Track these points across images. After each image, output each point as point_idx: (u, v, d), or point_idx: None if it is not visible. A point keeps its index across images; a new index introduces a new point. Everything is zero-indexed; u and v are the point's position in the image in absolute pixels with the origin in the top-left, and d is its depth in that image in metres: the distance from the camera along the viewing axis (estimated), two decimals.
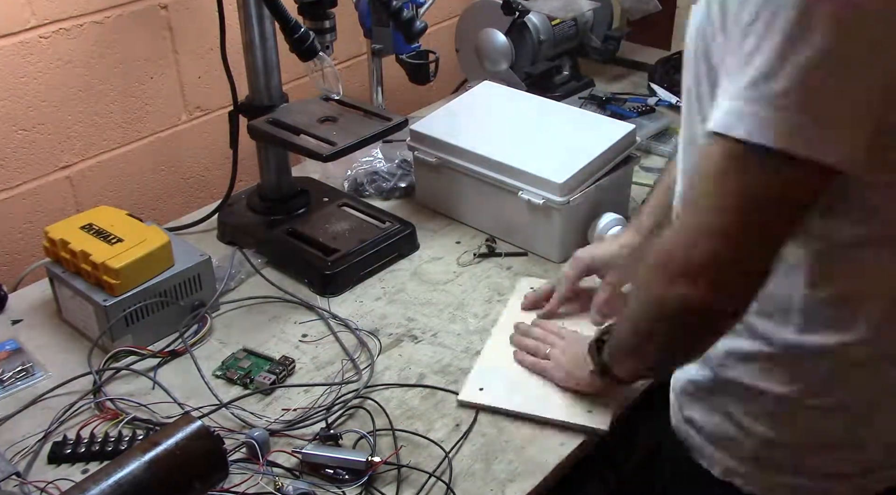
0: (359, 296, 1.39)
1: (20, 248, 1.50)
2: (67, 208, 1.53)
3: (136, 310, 1.23)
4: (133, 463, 0.83)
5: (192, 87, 1.64)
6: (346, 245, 1.44)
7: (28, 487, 1.03)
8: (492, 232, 1.53)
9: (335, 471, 1.05)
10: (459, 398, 1.17)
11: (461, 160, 1.50)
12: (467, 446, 1.10)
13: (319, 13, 1.36)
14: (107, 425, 1.13)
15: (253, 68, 1.43)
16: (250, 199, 1.54)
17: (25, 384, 1.21)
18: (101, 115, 1.53)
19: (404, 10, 1.47)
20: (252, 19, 1.38)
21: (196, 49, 1.62)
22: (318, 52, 1.31)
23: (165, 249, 1.26)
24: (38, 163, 1.47)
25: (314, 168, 1.70)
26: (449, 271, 1.45)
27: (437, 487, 1.04)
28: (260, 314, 1.35)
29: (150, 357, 1.24)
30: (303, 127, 1.41)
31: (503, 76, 1.89)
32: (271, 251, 1.47)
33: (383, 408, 1.14)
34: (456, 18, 1.98)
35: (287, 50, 1.32)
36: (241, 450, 1.07)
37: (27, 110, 1.43)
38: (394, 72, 1.76)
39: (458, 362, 1.24)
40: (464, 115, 1.59)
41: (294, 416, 1.13)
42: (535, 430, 1.13)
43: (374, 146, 1.66)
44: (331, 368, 1.23)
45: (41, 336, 1.31)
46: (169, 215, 1.65)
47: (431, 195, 1.61)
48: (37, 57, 1.41)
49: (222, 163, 1.67)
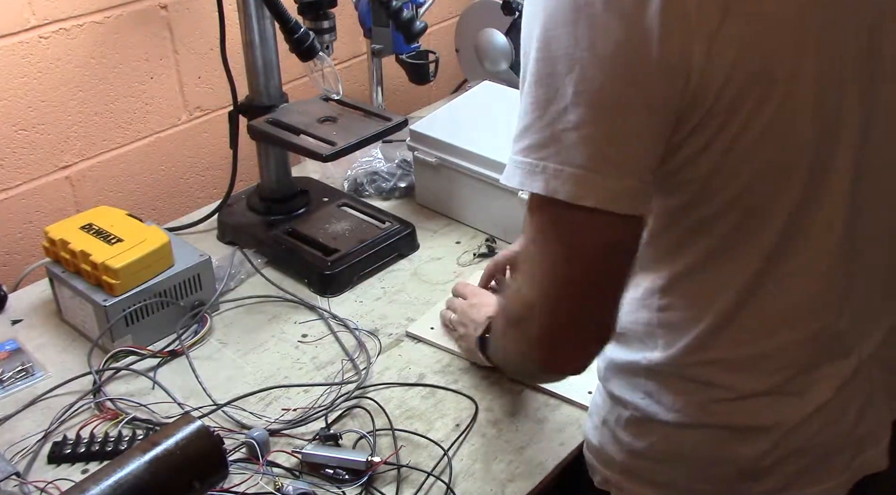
0: (359, 296, 1.39)
1: (20, 248, 1.49)
2: (67, 208, 1.53)
3: (135, 310, 1.23)
4: (133, 463, 0.83)
5: (192, 87, 1.64)
6: (345, 245, 1.44)
7: (28, 487, 1.03)
8: (492, 232, 1.53)
9: (335, 471, 1.05)
10: (408, 330, 1.29)
11: (461, 160, 1.50)
12: (467, 446, 1.10)
13: (319, 13, 1.36)
14: (107, 425, 1.13)
15: (253, 68, 1.43)
16: (250, 199, 1.54)
17: (25, 384, 1.21)
18: (101, 114, 1.53)
19: (404, 10, 1.47)
20: (252, 19, 1.38)
21: (196, 49, 1.62)
22: (318, 52, 1.31)
23: (165, 249, 1.26)
24: (38, 163, 1.47)
25: (314, 168, 1.70)
26: (449, 271, 1.45)
27: (437, 487, 1.04)
28: (260, 314, 1.35)
29: (149, 357, 1.24)
30: (303, 127, 1.41)
31: (503, 76, 1.89)
32: (271, 251, 1.47)
33: (383, 408, 1.14)
34: (456, 18, 1.98)
35: (287, 50, 1.32)
36: (241, 450, 1.07)
37: (27, 110, 1.43)
38: (394, 72, 1.77)
39: (457, 362, 1.24)
40: (464, 115, 1.59)
41: (294, 416, 1.13)
42: (535, 430, 1.13)
43: (374, 146, 1.66)
44: (331, 368, 1.23)
45: (41, 336, 1.31)
46: (169, 215, 1.65)
47: (431, 195, 1.61)
48: (37, 57, 1.41)
49: (222, 163, 1.67)
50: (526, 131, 0.73)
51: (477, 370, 1.22)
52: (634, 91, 0.70)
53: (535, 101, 0.72)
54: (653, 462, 0.91)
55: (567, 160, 0.71)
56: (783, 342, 0.85)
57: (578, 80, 0.69)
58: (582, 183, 0.71)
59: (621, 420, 0.92)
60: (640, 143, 0.72)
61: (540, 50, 0.71)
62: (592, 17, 0.68)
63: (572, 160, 0.71)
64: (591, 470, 0.99)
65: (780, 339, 0.84)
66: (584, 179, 0.71)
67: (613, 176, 0.71)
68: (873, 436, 0.92)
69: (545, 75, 0.71)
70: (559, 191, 0.71)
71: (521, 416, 1.15)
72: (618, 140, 0.71)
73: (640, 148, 0.72)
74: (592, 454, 0.98)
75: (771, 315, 0.84)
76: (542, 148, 0.72)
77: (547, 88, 0.71)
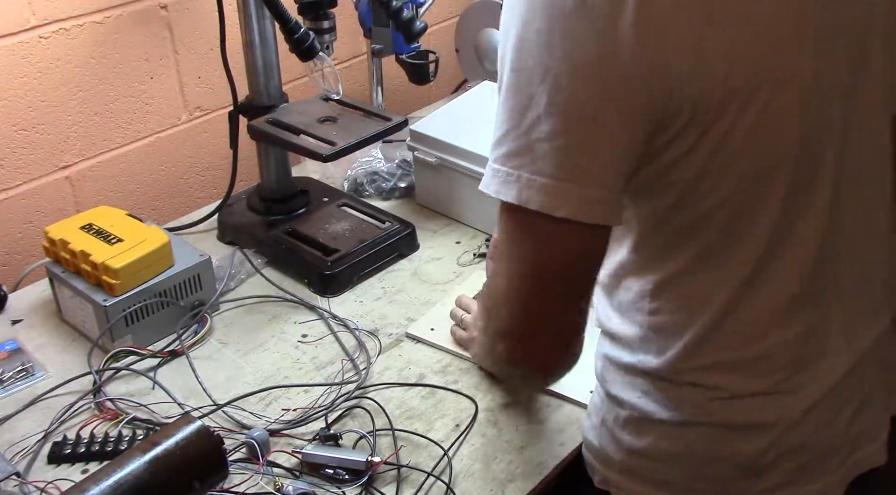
0: (359, 296, 1.39)
1: (20, 248, 1.49)
2: (67, 208, 1.53)
3: (135, 310, 1.24)
4: (133, 463, 0.83)
5: (192, 87, 1.64)
6: (345, 245, 1.44)
7: (28, 487, 1.03)
8: (492, 232, 1.53)
9: (335, 471, 1.05)
10: (408, 331, 1.28)
11: (461, 160, 1.50)
12: (467, 446, 1.10)
13: (319, 13, 1.36)
14: (107, 425, 1.13)
15: (253, 68, 1.43)
16: (250, 199, 1.54)
17: (25, 384, 1.21)
18: (101, 114, 1.53)
19: (404, 10, 1.47)
20: (252, 19, 1.38)
21: (196, 49, 1.62)
22: (318, 52, 1.31)
23: (165, 249, 1.26)
24: (38, 163, 1.47)
25: (314, 168, 1.70)
26: (449, 271, 1.45)
27: (437, 487, 1.04)
28: (260, 314, 1.35)
29: (149, 357, 1.24)
30: (303, 127, 1.41)
31: None
32: (271, 251, 1.47)
33: (383, 408, 1.14)
34: (456, 18, 1.98)
35: (287, 50, 1.32)
36: (241, 450, 1.07)
37: (27, 110, 1.43)
38: (394, 72, 1.77)
39: (457, 362, 1.24)
40: (464, 115, 1.59)
41: (294, 416, 1.13)
42: (535, 430, 1.13)
43: (374, 146, 1.66)
44: (331, 368, 1.23)
45: (41, 336, 1.31)
46: (169, 215, 1.65)
47: (431, 195, 1.61)
48: (37, 57, 1.41)
49: (222, 163, 1.67)
50: (502, 139, 0.74)
51: (477, 370, 1.22)
52: (608, 101, 0.70)
53: (510, 109, 0.73)
54: (652, 461, 0.91)
55: (540, 170, 0.72)
56: (774, 343, 0.85)
57: (552, 89, 0.69)
58: (554, 193, 0.71)
59: (620, 419, 0.92)
60: (613, 153, 0.72)
61: (515, 59, 0.72)
62: (566, 27, 0.68)
63: (544, 170, 0.71)
64: (591, 469, 0.99)
65: (771, 340, 0.85)
66: (556, 189, 0.71)
67: (585, 186, 0.72)
68: (870, 433, 0.92)
69: (520, 84, 0.72)
70: (531, 200, 0.72)
71: (521, 416, 1.15)
72: (590, 150, 0.71)
73: (613, 157, 0.72)
74: (591, 453, 0.98)
75: (761, 316, 0.84)
76: (517, 157, 0.73)
77: (522, 97, 0.72)
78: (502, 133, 0.74)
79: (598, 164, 0.72)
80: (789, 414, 0.86)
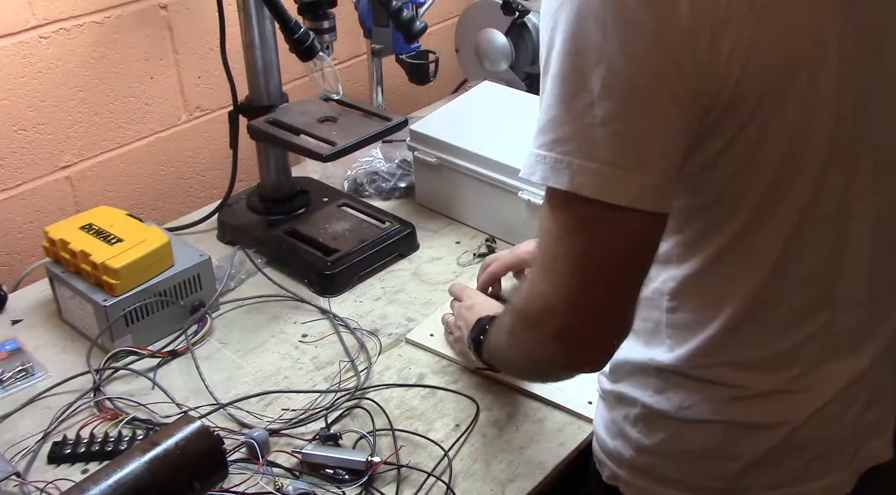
0: (359, 296, 1.39)
1: (20, 248, 1.49)
2: (67, 208, 1.53)
3: (135, 309, 1.23)
4: (133, 463, 0.83)
5: (192, 87, 1.64)
6: (345, 245, 1.44)
7: (28, 487, 1.03)
8: (492, 232, 1.53)
9: (335, 471, 1.05)
10: (408, 337, 1.27)
11: (461, 160, 1.50)
12: (467, 446, 1.10)
13: (319, 13, 1.36)
14: (106, 425, 1.13)
15: (253, 68, 1.43)
16: (250, 199, 1.54)
17: (25, 384, 1.21)
18: (101, 115, 1.53)
19: (404, 10, 1.47)
20: (252, 19, 1.38)
21: (196, 49, 1.62)
22: (318, 52, 1.31)
23: (165, 249, 1.26)
24: (38, 163, 1.47)
25: (314, 168, 1.70)
26: (449, 271, 1.45)
27: (437, 487, 1.04)
28: (260, 314, 1.35)
29: (149, 357, 1.24)
30: (303, 127, 1.41)
31: (503, 76, 1.89)
32: (271, 251, 1.47)
33: (383, 408, 1.14)
34: (456, 18, 1.98)
35: (287, 50, 1.32)
36: (241, 450, 1.07)
37: (27, 110, 1.43)
38: (394, 72, 1.76)
39: (457, 362, 1.24)
40: (464, 115, 1.59)
41: (294, 416, 1.13)
42: (535, 431, 1.13)
43: (374, 146, 1.66)
44: (331, 368, 1.23)
45: (41, 336, 1.31)
46: (169, 215, 1.65)
47: (431, 195, 1.61)
48: (37, 57, 1.41)
49: (222, 163, 1.67)
50: (550, 125, 0.72)
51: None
52: (664, 87, 0.69)
53: (559, 95, 0.71)
54: (661, 458, 0.91)
55: (593, 155, 0.70)
56: (793, 342, 0.84)
57: (607, 74, 0.68)
58: (608, 179, 0.70)
59: (630, 416, 0.92)
60: (668, 139, 0.71)
61: (566, 43, 0.70)
62: (622, 12, 0.68)
63: (598, 155, 0.70)
64: (600, 464, 0.98)
65: (791, 339, 0.84)
66: (611, 175, 0.70)
67: (640, 172, 0.70)
68: (877, 429, 0.92)
69: (571, 69, 0.70)
70: (585, 186, 0.70)
71: (521, 416, 1.15)
72: (645, 136, 0.70)
73: (668, 144, 0.71)
74: (601, 449, 0.98)
75: (782, 316, 0.84)
76: (567, 142, 0.71)
77: (573, 83, 0.70)
78: (549, 118, 0.72)
79: (653, 150, 0.71)
80: (801, 412, 0.86)
